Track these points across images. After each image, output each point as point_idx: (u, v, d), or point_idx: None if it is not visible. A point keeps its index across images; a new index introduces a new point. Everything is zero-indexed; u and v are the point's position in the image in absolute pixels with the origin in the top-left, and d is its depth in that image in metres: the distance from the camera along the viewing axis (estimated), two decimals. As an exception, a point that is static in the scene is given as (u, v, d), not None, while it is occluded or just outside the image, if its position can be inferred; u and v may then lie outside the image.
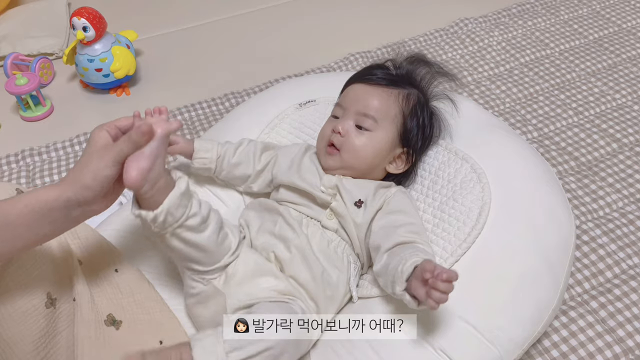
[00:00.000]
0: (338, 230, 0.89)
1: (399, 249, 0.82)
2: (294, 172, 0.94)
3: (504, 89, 1.49)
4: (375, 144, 0.93)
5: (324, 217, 0.90)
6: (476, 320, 0.82)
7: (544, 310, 0.86)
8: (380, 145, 0.93)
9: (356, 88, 0.97)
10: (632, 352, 0.96)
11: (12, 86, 1.45)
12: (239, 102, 1.49)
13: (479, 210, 0.91)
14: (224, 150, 1.00)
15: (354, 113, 0.94)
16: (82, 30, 1.43)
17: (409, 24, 1.76)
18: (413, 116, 0.96)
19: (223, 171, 1.00)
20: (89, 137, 0.76)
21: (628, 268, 1.08)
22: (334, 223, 0.89)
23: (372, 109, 0.93)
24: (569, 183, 1.23)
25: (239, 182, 1.02)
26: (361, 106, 0.93)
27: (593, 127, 1.36)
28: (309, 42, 1.74)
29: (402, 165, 0.97)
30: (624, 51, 1.59)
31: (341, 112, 0.96)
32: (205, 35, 1.81)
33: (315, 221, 0.90)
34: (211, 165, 0.99)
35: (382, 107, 0.94)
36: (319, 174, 0.94)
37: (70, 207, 0.71)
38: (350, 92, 0.98)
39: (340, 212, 0.89)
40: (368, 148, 0.92)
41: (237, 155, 1.00)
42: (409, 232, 0.84)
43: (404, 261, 0.76)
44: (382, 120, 0.93)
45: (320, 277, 0.84)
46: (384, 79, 0.97)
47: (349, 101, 0.96)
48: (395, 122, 0.94)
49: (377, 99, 0.94)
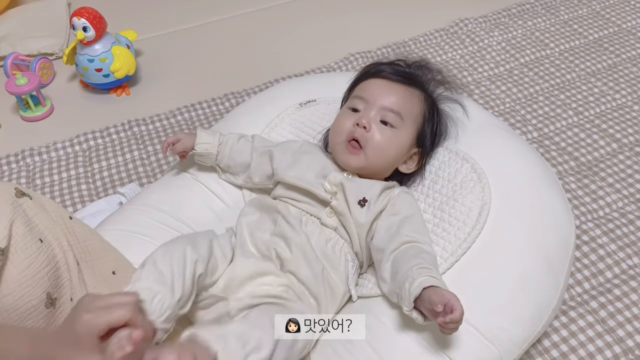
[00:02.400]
0: (337, 228, 0.89)
1: (404, 250, 0.82)
2: (294, 169, 0.93)
3: (504, 89, 1.49)
4: (399, 142, 0.92)
5: (323, 215, 0.89)
6: (476, 320, 0.82)
7: (543, 310, 0.86)
8: (403, 143, 0.92)
9: (377, 82, 0.95)
10: (632, 352, 0.95)
11: (12, 86, 1.45)
12: (239, 102, 1.49)
13: (479, 210, 0.91)
14: (226, 138, 1.00)
15: (378, 107, 0.91)
16: (82, 30, 1.43)
17: (409, 24, 1.76)
18: (430, 118, 0.96)
19: (225, 157, 1.00)
20: (76, 315, 0.66)
21: (628, 268, 1.08)
22: (334, 221, 0.89)
23: (399, 105, 0.91)
24: (569, 183, 1.23)
25: (241, 169, 1.01)
26: (387, 101, 0.91)
27: (593, 127, 1.36)
28: (309, 42, 1.74)
29: (414, 165, 0.97)
30: (624, 51, 1.59)
31: (363, 105, 0.93)
32: (205, 35, 1.81)
33: (315, 218, 0.89)
34: (213, 150, 0.99)
35: (407, 104, 0.93)
36: (324, 171, 0.92)
37: None
38: (372, 85, 0.95)
39: (340, 210, 0.88)
40: (392, 145, 0.91)
41: (239, 142, 1.00)
42: (413, 232, 0.85)
43: (411, 279, 0.75)
44: (407, 118, 0.92)
45: (321, 275, 0.84)
46: (406, 77, 0.96)
47: (372, 94, 0.93)
48: (417, 122, 0.94)
49: (401, 95, 0.93)
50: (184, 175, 1.09)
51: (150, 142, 1.39)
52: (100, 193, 1.27)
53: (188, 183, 1.07)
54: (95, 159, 1.36)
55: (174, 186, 1.07)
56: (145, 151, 1.37)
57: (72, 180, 1.30)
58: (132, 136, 1.41)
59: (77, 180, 1.30)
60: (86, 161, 1.35)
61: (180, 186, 1.06)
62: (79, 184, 1.29)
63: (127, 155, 1.37)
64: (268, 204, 0.92)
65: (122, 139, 1.41)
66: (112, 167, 1.34)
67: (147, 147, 1.38)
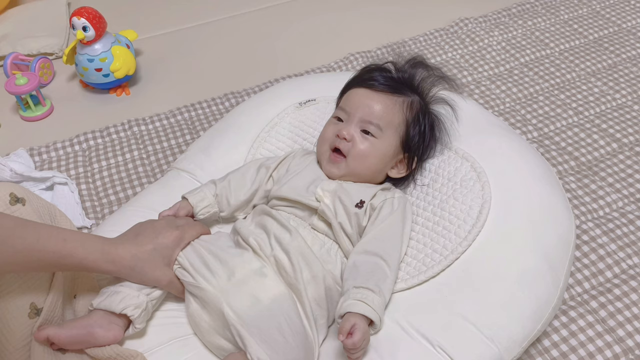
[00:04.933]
0: (328, 233, 0.90)
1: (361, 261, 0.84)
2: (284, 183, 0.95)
3: (504, 89, 1.49)
4: (380, 151, 0.94)
5: (314, 220, 0.91)
6: (476, 318, 0.82)
7: (543, 308, 0.87)
8: (384, 152, 0.94)
9: (360, 93, 0.97)
10: (632, 352, 0.95)
11: (12, 86, 1.45)
12: (239, 102, 1.49)
13: (479, 209, 0.91)
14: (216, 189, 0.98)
15: (358, 119, 0.94)
16: (82, 30, 1.43)
17: (409, 24, 1.76)
18: (415, 124, 0.96)
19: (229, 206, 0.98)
20: (161, 231, 0.86)
21: (628, 268, 1.08)
22: (324, 226, 0.90)
23: (377, 117, 0.93)
24: (569, 183, 1.23)
25: (244, 204, 0.99)
26: (366, 113, 0.94)
27: (593, 127, 1.36)
28: (309, 42, 1.74)
29: (404, 170, 0.98)
30: (624, 51, 1.59)
31: (345, 117, 0.96)
32: (205, 35, 1.81)
33: (307, 223, 0.91)
34: (214, 208, 0.98)
35: (387, 115, 0.94)
36: (315, 179, 0.94)
37: None
38: (354, 96, 0.97)
39: (329, 215, 0.89)
40: (373, 154, 0.93)
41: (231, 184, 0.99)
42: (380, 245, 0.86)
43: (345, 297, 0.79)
44: (386, 128, 0.94)
45: (321, 277, 0.84)
46: (388, 85, 0.97)
47: (353, 106, 0.96)
48: (398, 130, 0.95)
49: (382, 106, 0.94)
50: (183, 177, 1.09)
51: (150, 142, 1.39)
52: (100, 193, 1.27)
53: (187, 184, 1.07)
54: (95, 158, 1.36)
55: (173, 188, 1.07)
56: (145, 151, 1.37)
57: (72, 180, 1.30)
58: (132, 136, 1.41)
59: (77, 180, 1.30)
60: (86, 161, 1.35)
61: (179, 188, 1.05)
62: (79, 183, 1.29)
63: (127, 155, 1.36)
64: (263, 211, 0.93)
65: (122, 138, 1.41)
66: (112, 167, 1.34)
67: (147, 147, 1.38)
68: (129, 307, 0.80)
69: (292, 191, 0.92)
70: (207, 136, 1.18)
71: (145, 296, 0.82)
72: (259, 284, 0.82)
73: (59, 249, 0.74)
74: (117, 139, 1.41)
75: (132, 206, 1.05)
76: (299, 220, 0.91)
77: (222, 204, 0.98)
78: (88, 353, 0.78)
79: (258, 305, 0.80)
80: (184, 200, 0.97)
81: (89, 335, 0.78)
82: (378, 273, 0.83)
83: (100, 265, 0.79)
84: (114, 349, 0.78)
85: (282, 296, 0.82)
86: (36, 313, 0.77)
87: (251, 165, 1.02)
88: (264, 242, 0.86)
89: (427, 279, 0.87)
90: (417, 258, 0.90)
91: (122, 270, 0.81)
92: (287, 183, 0.94)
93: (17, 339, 0.76)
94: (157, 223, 0.88)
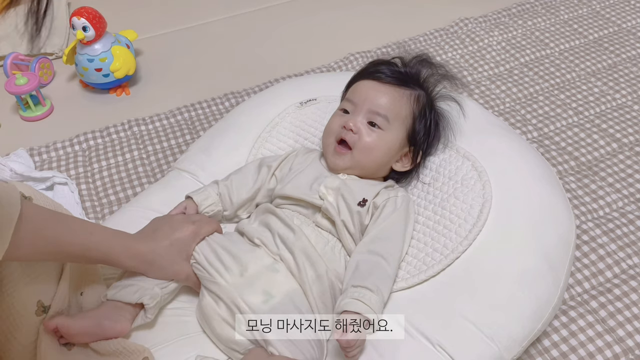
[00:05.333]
0: (331, 230, 0.90)
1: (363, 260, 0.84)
2: (287, 181, 0.95)
3: (504, 89, 1.49)
4: (387, 143, 0.93)
5: (318, 217, 0.90)
6: (476, 317, 0.82)
7: (544, 308, 0.87)
8: (390, 144, 0.94)
9: (367, 84, 0.97)
10: (632, 352, 0.95)
11: (12, 86, 1.45)
12: (239, 102, 1.49)
13: (479, 208, 0.91)
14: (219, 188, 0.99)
15: (366, 110, 0.93)
16: (82, 30, 1.43)
17: (409, 23, 1.76)
18: (422, 118, 0.96)
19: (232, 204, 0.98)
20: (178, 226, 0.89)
21: (628, 268, 1.08)
22: (328, 223, 0.90)
23: (385, 108, 0.93)
24: (569, 183, 1.23)
25: (247, 203, 1.00)
26: (374, 104, 0.93)
27: (593, 127, 1.36)
28: (309, 42, 1.74)
29: (409, 164, 0.98)
30: (624, 51, 1.59)
31: (352, 108, 0.95)
32: (205, 35, 1.81)
33: (310, 221, 0.91)
34: (218, 207, 0.98)
35: (395, 107, 0.94)
36: (318, 177, 0.93)
37: None
38: (362, 87, 0.97)
39: (332, 213, 0.89)
40: (380, 147, 0.93)
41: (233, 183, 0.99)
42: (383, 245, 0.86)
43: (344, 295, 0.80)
44: (394, 120, 0.93)
45: (326, 276, 0.85)
46: (396, 77, 0.96)
47: (360, 97, 0.95)
48: (405, 122, 0.95)
49: (389, 98, 0.94)
50: (185, 177, 1.09)
51: (150, 142, 1.39)
52: (100, 193, 1.27)
53: (188, 185, 1.07)
54: (95, 158, 1.36)
55: (174, 188, 1.07)
56: (145, 151, 1.37)
57: (72, 180, 1.30)
58: (132, 136, 1.41)
59: (77, 180, 1.30)
60: (86, 161, 1.35)
61: (180, 188, 1.05)
62: (79, 183, 1.29)
63: (127, 155, 1.36)
64: (267, 210, 0.93)
65: (122, 138, 1.41)
66: (111, 166, 1.34)
67: (147, 147, 1.38)
68: (145, 296, 0.81)
69: (296, 189, 0.92)
70: (207, 136, 1.17)
71: (159, 289, 0.83)
72: (271, 280, 0.83)
73: (86, 241, 0.76)
74: (117, 139, 1.41)
75: (133, 206, 1.05)
76: (302, 217, 0.91)
77: (225, 202, 0.98)
78: (94, 347, 0.78)
79: (271, 301, 0.81)
80: (188, 199, 0.97)
81: (98, 327, 0.78)
82: (377, 272, 0.83)
83: (122, 260, 0.80)
84: (121, 342, 0.78)
85: (293, 291, 0.83)
86: (43, 310, 0.78)
87: (252, 164, 1.02)
88: (268, 241, 0.87)
89: (428, 278, 0.87)
90: (418, 257, 0.90)
91: (142, 265, 0.82)
92: (290, 182, 0.94)
93: (24, 336, 0.76)
94: (173, 219, 0.90)
